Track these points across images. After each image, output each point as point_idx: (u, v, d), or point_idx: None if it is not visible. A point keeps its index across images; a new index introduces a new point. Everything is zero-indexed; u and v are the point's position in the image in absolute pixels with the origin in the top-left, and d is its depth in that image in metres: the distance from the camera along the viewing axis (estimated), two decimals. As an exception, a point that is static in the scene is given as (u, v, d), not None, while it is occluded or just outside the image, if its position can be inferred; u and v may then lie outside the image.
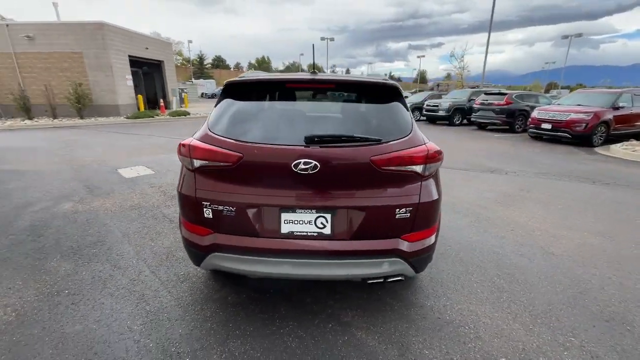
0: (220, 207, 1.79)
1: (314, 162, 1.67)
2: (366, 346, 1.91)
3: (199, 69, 54.28)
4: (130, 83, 17.14)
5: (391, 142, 1.77)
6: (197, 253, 1.95)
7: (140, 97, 17.12)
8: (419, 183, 1.82)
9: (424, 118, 16.48)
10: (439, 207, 1.98)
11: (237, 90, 2.01)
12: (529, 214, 4.04)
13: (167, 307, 2.24)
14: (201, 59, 54.94)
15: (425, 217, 1.87)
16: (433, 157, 1.83)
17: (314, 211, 1.77)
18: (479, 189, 5.05)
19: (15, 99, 13.99)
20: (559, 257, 2.98)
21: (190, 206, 1.88)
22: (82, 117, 14.74)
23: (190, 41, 47.34)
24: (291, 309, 2.23)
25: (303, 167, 1.67)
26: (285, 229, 1.79)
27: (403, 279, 2.00)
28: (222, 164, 1.76)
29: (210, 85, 48.29)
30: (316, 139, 1.74)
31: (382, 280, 1.93)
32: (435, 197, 1.89)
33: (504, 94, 12.69)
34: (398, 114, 1.95)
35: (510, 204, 4.43)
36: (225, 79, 2.15)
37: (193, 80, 47.61)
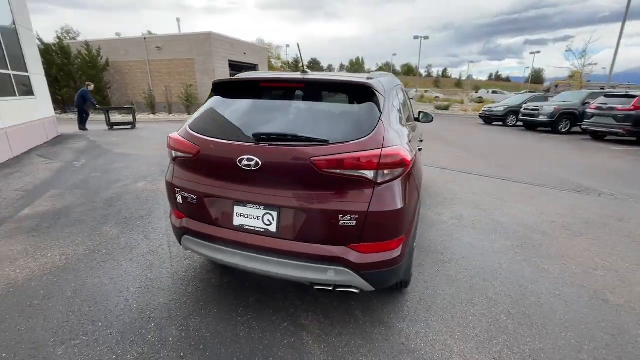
0: (187, 195, 1.98)
1: (256, 159, 1.70)
2: (307, 353, 1.84)
3: (294, 71, 58.21)
4: (228, 84, 19.57)
5: (340, 144, 1.66)
6: (176, 233, 2.19)
7: (235, 96, 19.41)
8: (370, 190, 1.66)
9: (521, 124, 14.27)
10: (402, 218, 1.77)
11: (221, 89, 2.17)
12: (602, 248, 3.17)
13: (163, 278, 2.57)
14: (296, 62, 58.82)
15: (379, 227, 1.70)
16: (389, 164, 1.65)
17: (262, 207, 1.80)
18: (546, 210, 4.18)
19: (145, 98, 17.53)
20: (613, 306, 2.29)
21: (170, 191, 2.13)
22: (189, 113, 17.53)
23: (287, 45, 51.27)
24: (259, 301, 2.30)
25: (246, 163, 1.72)
26: (237, 221, 1.87)
27: (358, 291, 1.86)
28: (187, 155, 1.95)
29: (302, 87, 51.36)
30: (263, 137, 1.76)
31: (331, 288, 1.83)
32: (396, 206, 1.70)
33: (633, 97, 10.01)
34: (362, 114, 1.81)
35: (583, 232, 3.55)
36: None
37: (287, 81, 51.36)
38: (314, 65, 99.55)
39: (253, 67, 22.97)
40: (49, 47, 17.76)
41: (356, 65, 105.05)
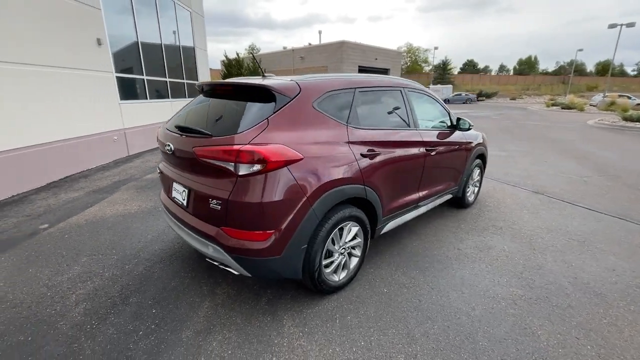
0: (159, 172, 2.65)
1: (171, 145, 2.16)
2: (194, 314, 2.18)
3: (440, 74, 54.68)
4: (356, 89, 20.61)
5: (217, 137, 1.90)
6: (164, 201, 2.92)
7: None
8: (233, 180, 1.83)
9: None
10: (267, 212, 1.83)
11: (201, 90, 2.72)
12: (687, 343, 2.00)
13: (171, 234, 3.39)
14: (445, 64, 54.87)
15: (239, 216, 1.86)
16: (248, 159, 1.77)
17: (181, 185, 2.25)
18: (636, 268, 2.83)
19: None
20: (583, 412, 1.54)
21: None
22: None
23: (436, 48, 48.48)
24: (208, 267, 2.76)
25: (167, 148, 2.20)
26: (173, 194, 2.39)
27: (236, 273, 2.04)
28: (157, 141, 2.60)
29: (447, 91, 47.83)
30: (178, 128, 2.18)
31: (217, 263, 2.10)
32: (255, 200, 1.81)
33: None
34: (253, 113, 1.97)
35: (684, 315, 2.28)
36: (467, 84, 3.24)
37: (431, 86, 48.93)
38: (469, 67, 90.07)
39: (384, 72, 23.25)
40: (231, 61, 23.44)
41: (524, 65, 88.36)
